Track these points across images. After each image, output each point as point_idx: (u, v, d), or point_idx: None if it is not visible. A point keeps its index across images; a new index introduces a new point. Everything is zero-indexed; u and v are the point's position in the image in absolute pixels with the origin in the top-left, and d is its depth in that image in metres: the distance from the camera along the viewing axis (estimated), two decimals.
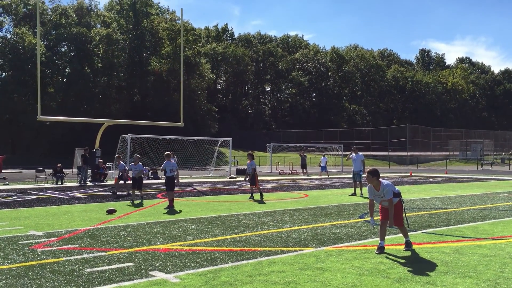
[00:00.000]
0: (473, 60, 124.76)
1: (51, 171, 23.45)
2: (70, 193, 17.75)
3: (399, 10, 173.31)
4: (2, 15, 58.30)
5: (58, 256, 6.98)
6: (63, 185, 21.66)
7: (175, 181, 13.88)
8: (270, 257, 6.94)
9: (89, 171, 23.91)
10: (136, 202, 14.64)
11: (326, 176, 30.99)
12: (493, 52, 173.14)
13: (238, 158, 49.83)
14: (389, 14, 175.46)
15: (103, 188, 20.18)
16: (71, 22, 58.53)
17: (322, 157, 32.46)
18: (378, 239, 7.49)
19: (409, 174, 35.34)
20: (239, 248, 7.58)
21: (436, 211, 12.50)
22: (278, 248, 7.58)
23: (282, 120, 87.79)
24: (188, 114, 50.52)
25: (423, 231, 9.29)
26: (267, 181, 25.99)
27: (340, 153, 45.84)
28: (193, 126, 56.83)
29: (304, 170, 33.57)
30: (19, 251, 7.31)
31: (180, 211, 12.32)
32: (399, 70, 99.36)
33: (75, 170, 29.96)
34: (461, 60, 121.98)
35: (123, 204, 14.25)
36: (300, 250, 7.47)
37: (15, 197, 16.17)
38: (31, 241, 8.20)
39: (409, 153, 62.40)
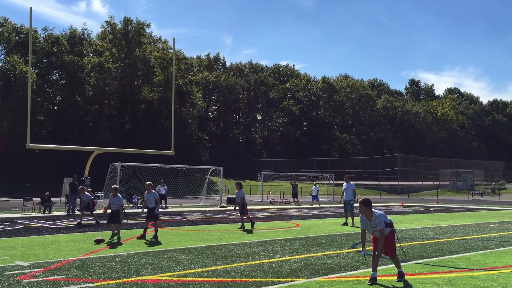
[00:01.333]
0: (462, 90, 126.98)
1: (39, 199, 23.12)
2: (58, 222, 17.47)
3: (389, 41, 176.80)
4: None
5: None
6: (50, 214, 21.32)
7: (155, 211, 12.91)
8: None
9: (78, 200, 23.60)
10: (114, 239, 12.50)
11: (318, 206, 30.86)
12: (481, 83, 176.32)
13: (229, 187, 49.61)
14: (379, 45, 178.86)
15: (91, 218, 19.88)
16: (63, 50, 58.81)
17: (314, 186, 32.40)
18: (371, 269, 7.40)
19: (401, 204, 35.33)
20: (229, 279, 7.45)
21: (428, 241, 12.44)
22: (269, 279, 7.46)
23: (273, 148, 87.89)
24: (179, 142, 50.45)
25: (415, 261, 9.21)
26: (258, 210, 25.80)
27: (331, 182, 45.82)
28: (183, 154, 56.63)
29: (295, 199, 33.45)
30: (3, 282, 7.12)
31: (160, 243, 12.06)
32: (389, 100, 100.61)
33: (63, 199, 29.58)
34: (450, 91, 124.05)
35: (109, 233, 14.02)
36: (291, 281, 7.35)
37: (1, 226, 15.85)
38: (16, 271, 8.00)
39: (400, 183, 62.56)
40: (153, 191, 13.20)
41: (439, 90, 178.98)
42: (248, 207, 28.18)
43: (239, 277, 7.61)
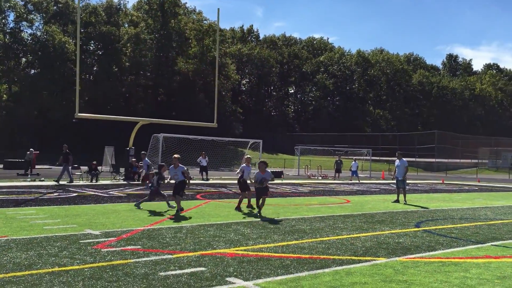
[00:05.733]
0: (501, 66, 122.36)
1: (85, 168, 23.54)
2: (109, 191, 17.70)
3: (426, 15, 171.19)
4: (33, 12, 59.10)
5: (125, 258, 6.80)
6: (98, 183, 21.68)
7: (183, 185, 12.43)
8: (344, 267, 6.63)
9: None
10: (171, 211, 12.20)
11: (357, 181, 30.49)
12: None
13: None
14: (415, 18, 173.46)
15: (139, 188, 20.11)
16: (101, 20, 59.11)
17: (353, 162, 31.98)
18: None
19: (441, 182, 34.59)
20: (307, 256, 7.30)
21: (493, 222, 12.03)
22: (348, 257, 7.28)
23: (306, 122, 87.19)
24: (213, 114, 50.46)
25: (491, 243, 8.87)
26: (300, 185, 25.66)
27: (368, 158, 45.20)
28: (218, 127, 56.66)
29: (338, 174, 33.11)
30: (84, 251, 7.15)
31: (190, 218, 11.59)
32: (424, 75, 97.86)
33: (105, 168, 30.09)
34: (488, 66, 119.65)
35: (164, 204, 14.11)
36: (372, 260, 7.15)
37: (56, 194, 16.17)
38: (91, 240, 8.05)
39: (437, 160, 61.30)
40: (181, 165, 12.50)
41: (477, 66, 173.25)
42: (288, 181, 28.16)
43: (316, 254, 7.45)
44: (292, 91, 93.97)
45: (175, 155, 12.76)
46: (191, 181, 12.72)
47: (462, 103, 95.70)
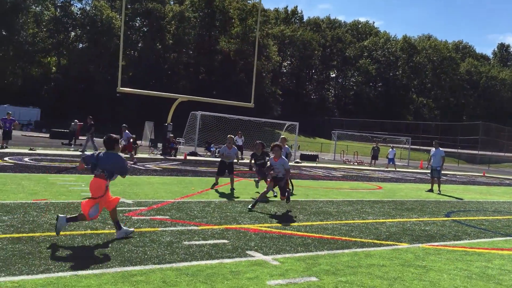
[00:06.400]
0: None
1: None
2: (146, 164, 18.26)
3: (478, 1, 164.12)
4: None
5: (153, 226, 7.11)
6: (136, 156, 22.33)
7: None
8: (365, 249, 6.72)
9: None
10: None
11: (394, 169, 30.09)
12: None
13: (300, 143, 49.54)
14: (467, 4, 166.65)
15: (175, 162, 20.63)
16: None
17: (390, 149, 31.54)
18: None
19: (483, 174, 33.66)
20: (329, 236, 7.41)
21: None
22: (370, 241, 7.34)
23: (346, 108, 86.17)
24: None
25: None
26: (334, 169, 25.60)
27: (407, 146, 44.38)
28: (256, 108, 56.84)
29: (375, 161, 32.76)
30: None
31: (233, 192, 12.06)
32: (473, 64, 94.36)
33: (145, 142, 30.92)
34: None
35: (197, 179, 14.47)
36: (394, 244, 7.19)
37: None
38: (123, 208, 8.44)
39: (480, 152, 59.49)
40: (234, 147, 12.86)
41: None
42: (322, 165, 28.12)
43: (338, 235, 7.55)
44: (334, 75, 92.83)
45: (230, 136, 12.97)
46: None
47: (511, 95, 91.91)
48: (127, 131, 20.35)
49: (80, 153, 21.24)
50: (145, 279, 4.66)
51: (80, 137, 32.07)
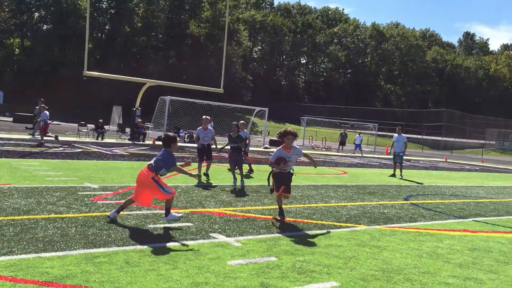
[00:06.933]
0: None
1: (92, 126, 23.98)
2: (113, 149, 18.15)
3: None
4: None
5: None
6: (103, 141, 22.14)
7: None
8: (324, 231, 6.99)
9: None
10: (203, 179, 11.82)
11: (360, 155, 30.75)
12: None
13: (270, 129, 49.86)
14: None
15: (143, 147, 20.56)
16: None
17: (357, 135, 32.16)
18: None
19: (445, 160, 34.77)
20: (292, 219, 7.66)
21: (482, 200, 12.31)
22: (331, 223, 7.63)
23: (316, 94, 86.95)
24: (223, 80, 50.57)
25: (473, 219, 9.18)
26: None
27: (374, 132, 45.30)
28: (226, 93, 56.79)
29: (342, 147, 33.32)
30: (81, 202, 7.57)
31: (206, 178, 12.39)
32: (439, 52, 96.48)
33: (113, 127, 30.57)
34: (505, 47, 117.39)
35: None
36: (352, 226, 7.50)
37: (61, 148, 16.63)
38: (88, 192, 8.47)
39: (444, 138, 61.25)
40: (211, 128, 12.78)
41: (494, 46, 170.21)
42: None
43: (300, 218, 7.82)
44: (304, 61, 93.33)
45: (205, 116, 12.55)
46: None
47: (475, 83, 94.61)
48: (46, 111, 18.45)
49: (31, 136, 20.61)
50: (108, 260, 4.77)
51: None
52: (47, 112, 18.41)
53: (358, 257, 5.72)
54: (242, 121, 13.09)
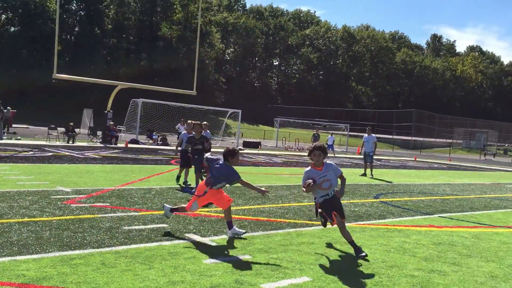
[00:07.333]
0: (484, 49, 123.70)
1: (62, 129, 23.65)
2: (85, 152, 17.98)
3: None
4: None
5: (92, 213, 7.22)
6: (74, 144, 21.87)
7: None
8: (297, 229, 7.19)
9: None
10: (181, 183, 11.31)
11: (332, 155, 31.21)
12: (505, 43, 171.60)
13: (243, 131, 50.04)
14: None
15: (115, 150, 20.42)
16: None
17: (330, 136, 32.64)
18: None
19: (414, 159, 35.61)
20: (265, 219, 7.83)
21: (448, 197, 12.76)
22: (303, 221, 7.84)
23: (288, 95, 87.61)
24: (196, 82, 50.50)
25: (439, 215, 9.54)
26: (275, 156, 26.25)
27: (346, 133, 46.00)
28: (199, 95, 56.50)
29: None
30: (54, 205, 7.55)
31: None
32: (408, 53, 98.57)
33: (83, 130, 30.17)
34: (471, 49, 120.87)
35: (138, 167, 14.50)
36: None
37: (31, 153, 16.40)
38: (61, 196, 8.44)
39: (413, 138, 62.63)
40: (206, 132, 11.85)
41: (461, 47, 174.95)
42: (264, 152, 28.71)
43: (274, 218, 7.99)
44: (277, 63, 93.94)
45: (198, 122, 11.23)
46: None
47: (443, 84, 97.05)
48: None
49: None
50: (84, 261, 4.83)
51: (13, 125, 30.82)
52: None
53: (329, 253, 5.93)
54: (205, 122, 12.68)
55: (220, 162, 6.51)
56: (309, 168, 6.40)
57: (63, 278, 4.33)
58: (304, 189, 6.22)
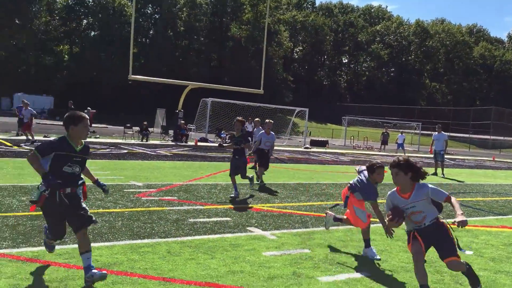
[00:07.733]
0: None
1: (137, 128, 24.88)
2: (157, 150, 18.83)
3: None
4: None
5: (161, 206, 7.62)
6: (148, 142, 22.94)
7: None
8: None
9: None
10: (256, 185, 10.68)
11: (402, 154, 30.29)
12: None
13: (311, 129, 49.84)
14: None
15: (185, 148, 21.18)
16: None
17: (400, 135, 31.65)
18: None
19: (492, 159, 33.72)
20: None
21: None
22: None
23: (358, 93, 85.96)
24: (264, 81, 51.01)
25: None
26: (342, 154, 25.96)
27: (418, 131, 44.44)
28: (267, 94, 57.05)
29: (384, 146, 32.99)
30: (126, 198, 8.05)
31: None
32: (487, 48, 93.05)
33: (157, 129, 31.51)
34: None
35: (206, 164, 14.97)
36: None
37: (108, 150, 17.43)
38: (134, 190, 8.96)
39: (492, 137, 59.19)
40: (272, 133, 12.06)
41: None
42: (332, 150, 28.48)
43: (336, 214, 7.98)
44: (346, 60, 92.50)
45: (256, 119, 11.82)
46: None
47: None
48: (29, 107, 18.13)
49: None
50: (151, 250, 5.15)
51: (92, 125, 32.76)
52: (31, 109, 18.38)
53: (391, 250, 5.86)
54: (257, 118, 12.44)
55: (364, 174, 6.04)
56: (393, 190, 4.78)
57: (132, 264, 4.66)
58: (391, 225, 4.61)
